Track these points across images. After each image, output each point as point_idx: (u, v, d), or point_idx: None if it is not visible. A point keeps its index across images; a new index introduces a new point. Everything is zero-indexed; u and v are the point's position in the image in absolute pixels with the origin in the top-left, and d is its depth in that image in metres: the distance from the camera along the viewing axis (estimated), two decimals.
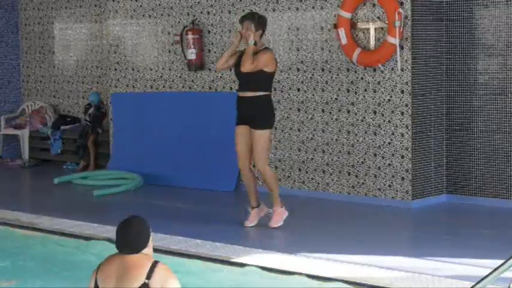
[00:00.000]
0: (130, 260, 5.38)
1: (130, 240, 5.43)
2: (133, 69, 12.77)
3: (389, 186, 10.29)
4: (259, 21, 9.08)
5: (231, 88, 11.59)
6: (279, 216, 9.00)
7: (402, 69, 10.06)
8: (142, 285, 5.24)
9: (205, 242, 8.27)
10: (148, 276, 5.26)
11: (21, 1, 15.31)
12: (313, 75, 10.70)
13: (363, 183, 10.54)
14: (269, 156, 9.45)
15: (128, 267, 5.34)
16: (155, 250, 5.67)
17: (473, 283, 5.53)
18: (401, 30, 9.94)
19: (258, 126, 8.93)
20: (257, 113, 8.96)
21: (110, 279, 5.40)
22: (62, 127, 14.18)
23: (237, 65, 9.11)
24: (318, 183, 10.83)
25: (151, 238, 5.52)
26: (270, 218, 9.04)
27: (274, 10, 11.09)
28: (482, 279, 5.49)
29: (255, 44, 8.91)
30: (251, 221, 9.10)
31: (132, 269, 5.33)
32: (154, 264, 5.33)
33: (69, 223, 9.28)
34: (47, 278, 7.36)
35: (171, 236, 8.27)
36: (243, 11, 11.36)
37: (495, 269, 5.49)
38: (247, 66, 8.81)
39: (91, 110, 13.64)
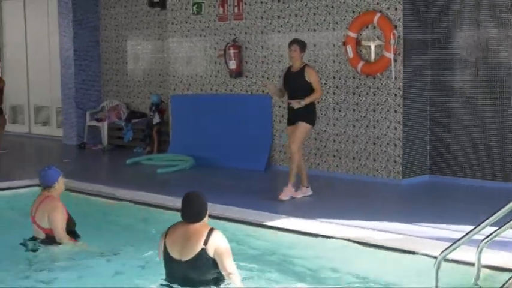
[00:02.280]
0: (193, 228, 5.44)
1: (193, 211, 5.49)
2: (187, 76, 12.80)
3: (385, 167, 10.30)
4: (301, 45, 9.15)
5: (262, 91, 11.62)
6: (303, 190, 9.15)
7: (395, 78, 10.06)
8: (201, 250, 5.30)
9: (242, 209, 8.31)
10: (205, 242, 5.34)
11: (102, 23, 15.37)
12: (326, 81, 10.66)
13: (364, 165, 10.54)
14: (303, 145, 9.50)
15: (190, 235, 5.41)
16: None
17: (450, 243, 5.52)
18: (395, 47, 9.94)
19: (302, 120, 9.01)
20: (303, 113, 9.01)
21: (176, 244, 5.47)
22: (133, 120, 14.25)
23: (285, 83, 9.22)
24: (330, 165, 10.83)
25: (208, 209, 5.56)
26: (293, 190, 9.11)
27: (296, 31, 11.09)
28: (458, 240, 5.49)
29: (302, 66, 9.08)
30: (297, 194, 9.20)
31: (194, 236, 5.40)
32: (211, 231, 5.40)
33: (138, 194, 9.34)
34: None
35: (215, 204, 8.29)
36: (273, 31, 11.40)
37: (467, 233, 5.49)
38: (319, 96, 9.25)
39: (153, 107, 13.73)
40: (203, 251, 5.21)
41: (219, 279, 5.38)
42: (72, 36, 15.19)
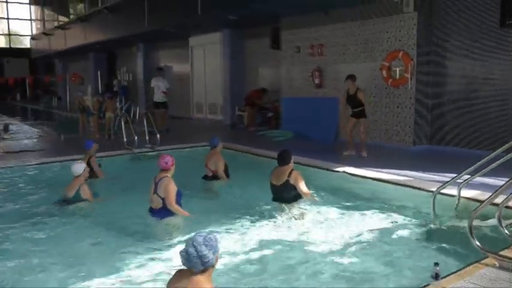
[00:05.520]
0: (282, 168, 5.64)
1: (283, 159, 5.64)
2: (291, 87, 12.77)
3: (403, 140, 10.02)
4: (353, 78, 8.98)
5: (334, 96, 11.44)
6: (365, 152, 8.96)
7: (410, 88, 9.72)
8: (285, 181, 5.47)
9: (316, 160, 8.26)
10: (288, 176, 5.49)
11: (246, 59, 15.53)
12: (371, 90, 10.40)
13: (391, 138, 10.28)
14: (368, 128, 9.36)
15: (280, 172, 5.61)
16: (297, 163, 5.68)
17: (442, 183, 5.33)
18: (411, 70, 9.60)
19: (363, 117, 8.98)
20: (361, 113, 8.97)
21: (274, 177, 5.72)
22: (261, 111, 14.34)
23: (348, 99, 9.07)
24: (371, 137, 10.53)
25: (292, 158, 5.67)
26: (361, 153, 8.97)
27: (354, 62, 10.86)
28: (446, 182, 5.32)
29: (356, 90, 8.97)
30: (348, 153, 9.12)
31: (282, 173, 5.59)
32: (292, 170, 5.56)
33: (262, 151, 9.42)
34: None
35: (304, 157, 8.28)
36: (340, 62, 11.22)
37: (452, 178, 5.32)
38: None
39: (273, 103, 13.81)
40: (287, 181, 5.47)
41: (298, 196, 5.63)
42: (229, 66, 15.48)
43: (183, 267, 2.71)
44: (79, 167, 6.09)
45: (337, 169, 7.63)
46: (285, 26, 12.71)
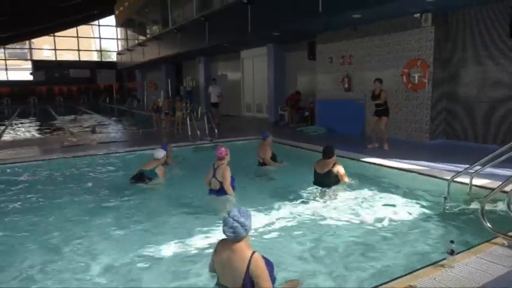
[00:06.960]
0: (327, 161, 5.50)
1: (327, 153, 5.51)
2: (325, 90, 12.50)
3: (420, 134, 9.60)
4: (380, 81, 8.68)
5: (360, 98, 11.12)
6: (386, 145, 8.65)
7: (428, 91, 9.28)
8: (328, 171, 5.33)
9: (345, 151, 8.01)
10: (332, 167, 5.32)
11: (286, 66, 15.38)
12: (394, 92, 10.01)
13: (410, 133, 9.88)
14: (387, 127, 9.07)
15: (325, 164, 5.48)
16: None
17: (456, 173, 5.10)
18: (428, 76, 9.17)
19: (384, 115, 8.67)
20: (383, 112, 8.68)
21: (318, 166, 5.59)
22: (299, 111, 14.15)
23: (372, 98, 8.79)
24: (392, 132, 10.17)
25: (335, 153, 5.52)
26: (383, 146, 8.67)
27: (378, 69, 10.47)
28: (460, 172, 5.10)
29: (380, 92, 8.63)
30: (371, 146, 8.80)
31: (326, 164, 5.47)
32: (335, 163, 5.37)
33: (301, 143, 9.24)
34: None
35: (336, 149, 8.08)
36: (367, 70, 10.90)
37: (465, 169, 5.09)
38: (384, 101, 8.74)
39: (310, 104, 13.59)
40: (330, 171, 5.31)
41: (338, 181, 5.49)
42: (273, 74, 15.37)
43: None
44: (160, 152, 6.31)
45: (363, 159, 7.43)
46: (320, 40, 12.46)
